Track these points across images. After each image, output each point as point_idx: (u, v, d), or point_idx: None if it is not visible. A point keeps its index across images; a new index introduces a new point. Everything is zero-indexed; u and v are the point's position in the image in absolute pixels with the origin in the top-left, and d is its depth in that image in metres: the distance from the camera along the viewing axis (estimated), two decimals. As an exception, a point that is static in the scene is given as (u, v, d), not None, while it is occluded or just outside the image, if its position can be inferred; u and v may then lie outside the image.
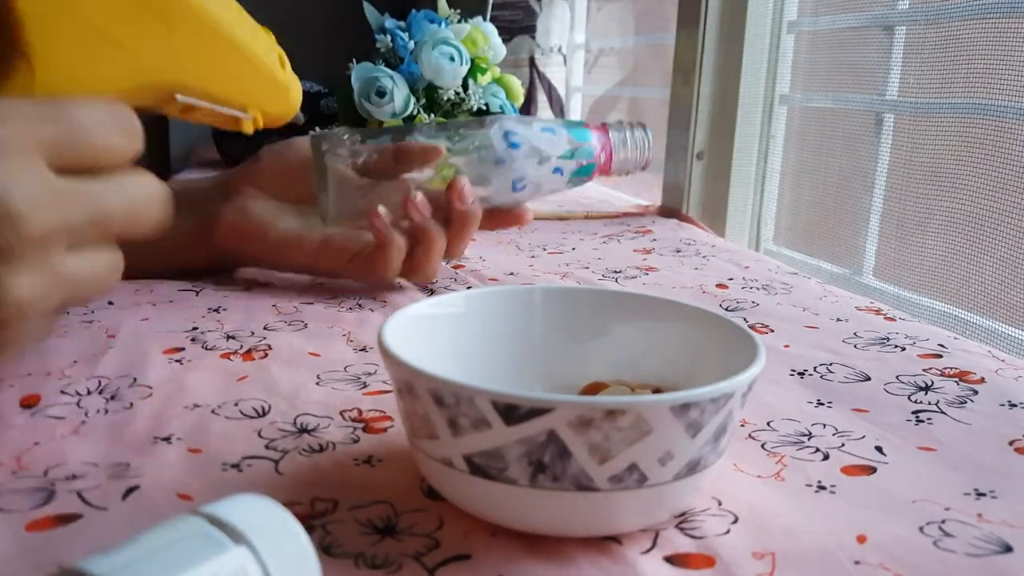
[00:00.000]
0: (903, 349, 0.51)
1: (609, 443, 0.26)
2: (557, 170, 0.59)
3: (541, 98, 1.46)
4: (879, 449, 0.38)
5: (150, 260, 0.64)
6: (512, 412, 0.26)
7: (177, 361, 0.47)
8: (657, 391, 0.35)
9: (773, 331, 0.55)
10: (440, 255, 0.59)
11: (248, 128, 0.48)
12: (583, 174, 0.61)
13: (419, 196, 0.57)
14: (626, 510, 0.28)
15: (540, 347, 0.39)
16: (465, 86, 1.10)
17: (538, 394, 0.26)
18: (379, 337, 0.31)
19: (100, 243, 0.30)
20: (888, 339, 0.53)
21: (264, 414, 0.40)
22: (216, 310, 0.57)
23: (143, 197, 0.31)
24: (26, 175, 0.27)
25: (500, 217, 0.61)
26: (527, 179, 0.58)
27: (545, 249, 0.81)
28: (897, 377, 0.46)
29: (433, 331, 0.36)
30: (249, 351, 0.49)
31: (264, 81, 0.48)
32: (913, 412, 0.42)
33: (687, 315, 0.37)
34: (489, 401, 0.26)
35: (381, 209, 0.56)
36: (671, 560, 0.29)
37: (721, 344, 0.34)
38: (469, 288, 0.65)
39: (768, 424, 0.40)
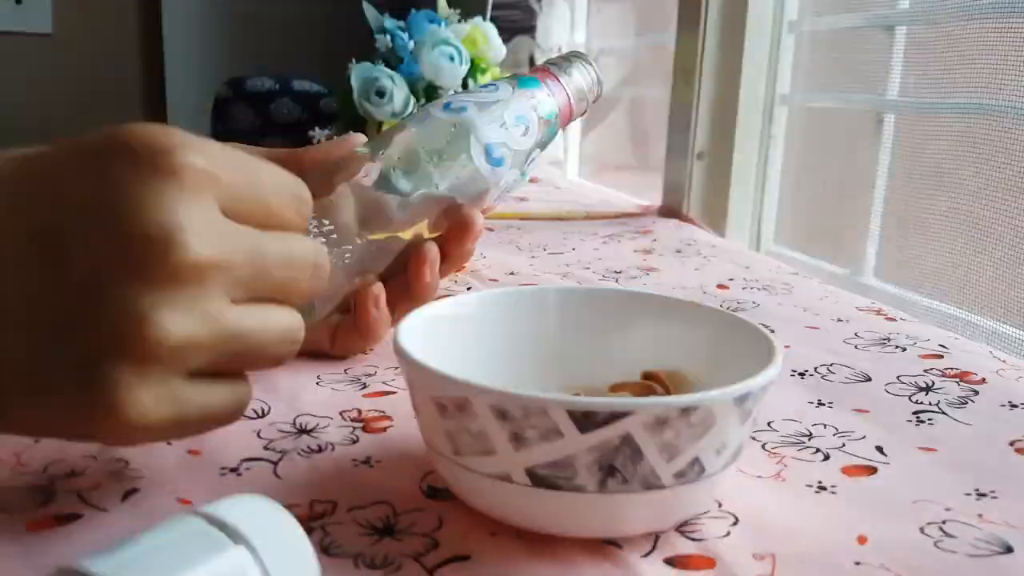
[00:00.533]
0: (904, 349, 0.51)
1: (679, 440, 0.27)
2: (520, 119, 0.49)
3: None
4: (880, 449, 0.37)
5: None
6: (588, 419, 0.26)
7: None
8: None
9: (774, 331, 0.54)
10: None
11: None
12: (552, 131, 0.52)
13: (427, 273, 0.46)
14: (685, 502, 0.29)
15: (553, 347, 0.38)
16: (465, 86, 1.09)
17: (615, 399, 0.27)
18: (397, 344, 0.30)
19: (269, 301, 0.30)
20: (889, 339, 0.53)
21: (263, 415, 0.40)
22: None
23: (301, 256, 0.31)
24: (196, 208, 0.27)
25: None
26: (495, 143, 0.47)
27: (545, 249, 0.81)
28: (898, 377, 0.46)
29: (446, 333, 0.36)
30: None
31: None
32: (914, 412, 0.42)
33: (699, 315, 0.37)
34: (564, 410, 0.26)
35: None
36: (671, 562, 0.29)
37: (731, 342, 0.34)
38: (469, 288, 0.65)
39: (768, 424, 0.40)
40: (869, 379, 0.46)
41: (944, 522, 0.32)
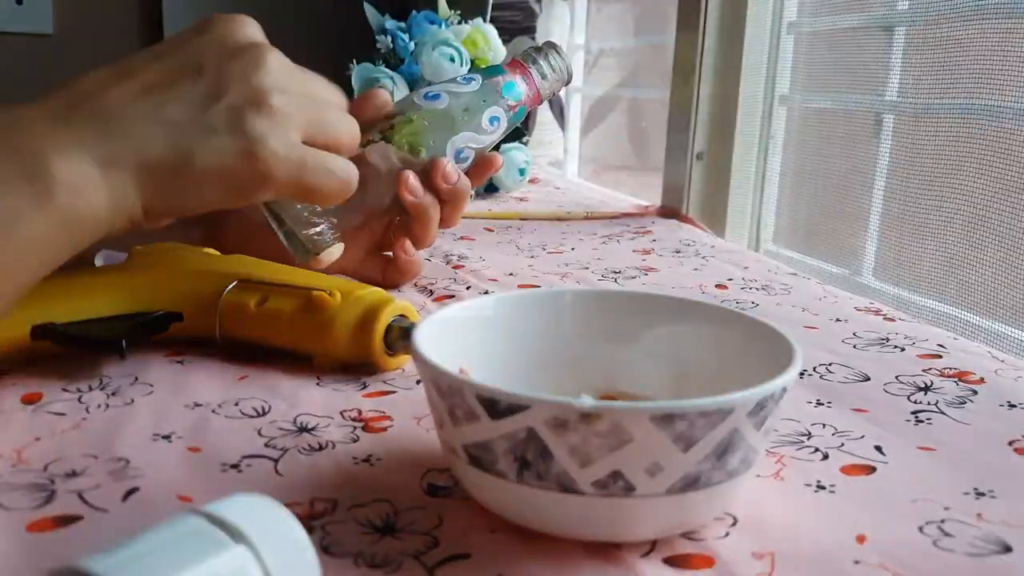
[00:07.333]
0: (902, 349, 0.51)
1: (588, 447, 0.26)
2: (494, 120, 0.62)
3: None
4: (879, 449, 0.38)
5: None
6: (493, 406, 0.27)
7: (179, 361, 0.47)
8: None
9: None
10: (436, 227, 0.62)
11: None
12: (518, 118, 0.64)
13: (411, 177, 0.59)
14: (617, 518, 0.28)
15: (571, 349, 0.38)
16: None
17: (516, 391, 0.27)
18: (412, 341, 0.31)
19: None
20: (887, 339, 0.53)
21: (264, 414, 0.40)
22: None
23: (348, 128, 0.47)
24: (281, 133, 0.42)
25: (474, 172, 0.64)
26: (463, 144, 0.61)
27: (545, 249, 0.81)
28: (896, 377, 0.46)
29: (466, 334, 0.36)
30: (249, 351, 0.49)
31: None
32: (912, 412, 0.42)
33: (721, 318, 0.37)
34: (474, 395, 0.27)
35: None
36: (670, 561, 0.29)
37: (760, 350, 0.33)
38: (468, 288, 0.65)
39: (768, 424, 0.40)
40: (868, 379, 0.46)
41: (943, 521, 0.32)
